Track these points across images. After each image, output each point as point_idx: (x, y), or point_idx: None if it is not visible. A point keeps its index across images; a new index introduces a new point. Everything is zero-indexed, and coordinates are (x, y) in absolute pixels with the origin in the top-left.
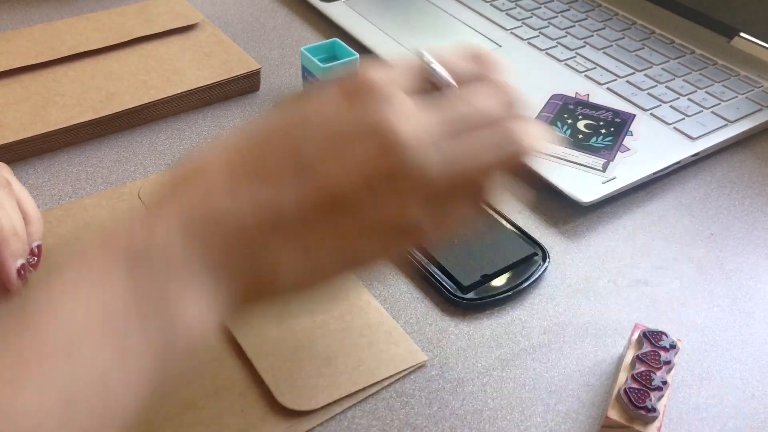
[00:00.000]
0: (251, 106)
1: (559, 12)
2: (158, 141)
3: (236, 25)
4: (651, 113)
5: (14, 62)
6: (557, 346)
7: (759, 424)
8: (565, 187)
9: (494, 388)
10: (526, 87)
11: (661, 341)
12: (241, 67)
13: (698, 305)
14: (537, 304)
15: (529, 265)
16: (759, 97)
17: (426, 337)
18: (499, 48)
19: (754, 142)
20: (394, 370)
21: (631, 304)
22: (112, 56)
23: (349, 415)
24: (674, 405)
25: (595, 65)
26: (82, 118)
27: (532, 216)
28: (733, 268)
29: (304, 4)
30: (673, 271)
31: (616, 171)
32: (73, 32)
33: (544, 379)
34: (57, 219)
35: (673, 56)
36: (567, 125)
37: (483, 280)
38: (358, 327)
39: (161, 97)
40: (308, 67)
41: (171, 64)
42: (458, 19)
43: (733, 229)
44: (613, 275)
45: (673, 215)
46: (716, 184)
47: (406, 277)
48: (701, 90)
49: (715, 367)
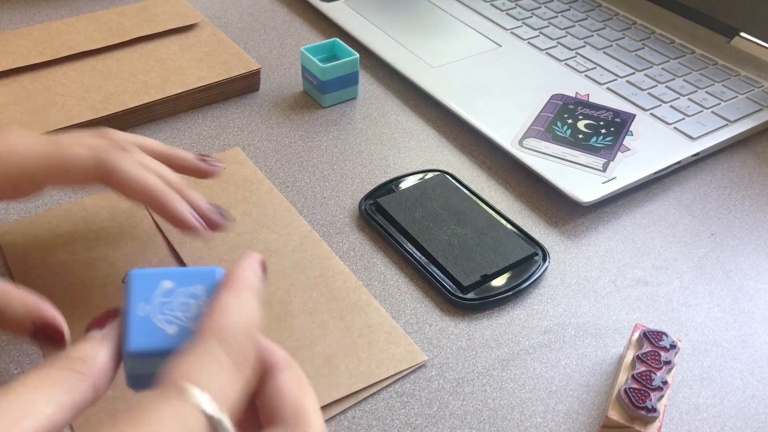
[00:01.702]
0: (251, 106)
1: (560, 12)
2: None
3: (236, 25)
4: (651, 113)
5: (14, 62)
6: (557, 346)
7: (759, 424)
8: (565, 187)
9: (494, 388)
10: (526, 87)
11: (661, 341)
12: (240, 66)
13: (698, 305)
14: (537, 304)
15: (529, 265)
16: (759, 97)
17: (426, 337)
18: (499, 48)
19: (754, 142)
20: (393, 370)
21: (631, 304)
22: (112, 56)
23: (349, 415)
24: (674, 405)
25: (595, 65)
26: (82, 118)
27: (532, 216)
28: (733, 268)
29: (304, 4)
30: (673, 271)
31: (616, 171)
32: (73, 32)
33: (544, 379)
34: (57, 219)
35: (674, 56)
36: (567, 125)
37: (483, 280)
38: (358, 327)
39: (161, 97)
40: (308, 67)
41: (171, 63)
42: (458, 19)
43: (733, 229)
44: (613, 275)
45: (673, 215)
46: (716, 184)
47: (406, 277)
48: (701, 90)
49: (715, 367)
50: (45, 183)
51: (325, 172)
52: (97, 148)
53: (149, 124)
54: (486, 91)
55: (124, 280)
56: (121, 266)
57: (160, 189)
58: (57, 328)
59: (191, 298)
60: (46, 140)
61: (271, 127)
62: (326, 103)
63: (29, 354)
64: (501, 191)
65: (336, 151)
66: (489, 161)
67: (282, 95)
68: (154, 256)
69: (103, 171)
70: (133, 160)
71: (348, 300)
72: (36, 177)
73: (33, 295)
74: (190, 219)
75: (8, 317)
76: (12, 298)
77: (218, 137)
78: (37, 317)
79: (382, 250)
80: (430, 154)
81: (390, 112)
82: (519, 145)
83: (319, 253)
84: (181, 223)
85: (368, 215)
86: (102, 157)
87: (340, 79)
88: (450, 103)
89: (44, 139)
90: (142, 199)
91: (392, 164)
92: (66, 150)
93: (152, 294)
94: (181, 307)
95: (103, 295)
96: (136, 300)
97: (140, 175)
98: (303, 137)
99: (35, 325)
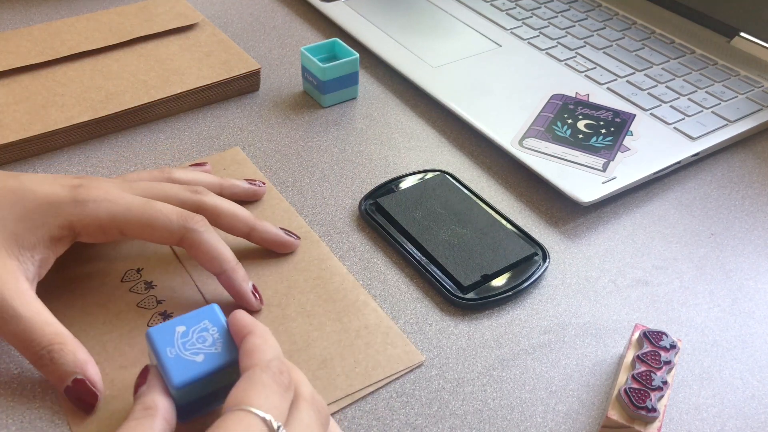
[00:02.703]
0: (251, 106)
1: (560, 12)
2: (158, 141)
3: (236, 25)
4: (651, 113)
5: (14, 62)
6: (557, 346)
7: (759, 424)
8: (565, 187)
9: (494, 388)
10: (526, 87)
11: (661, 341)
12: (240, 66)
13: (698, 305)
14: (537, 304)
15: (529, 265)
16: (759, 96)
17: (426, 337)
18: (499, 48)
19: (754, 142)
20: (391, 371)
21: (631, 304)
22: (112, 56)
23: (349, 415)
24: (674, 405)
25: (595, 65)
26: (81, 117)
27: (532, 216)
28: (733, 268)
29: (304, 4)
30: (673, 271)
31: (616, 171)
32: (72, 32)
33: (544, 379)
34: None
35: (674, 56)
36: (567, 125)
37: (483, 280)
38: (355, 328)
39: (161, 97)
40: (308, 66)
41: (171, 63)
42: (458, 19)
43: (733, 229)
44: (613, 275)
45: (673, 215)
46: (716, 184)
47: (406, 277)
48: (701, 90)
49: (715, 367)
50: (130, 235)
51: (325, 172)
52: (186, 218)
53: (149, 124)
54: (486, 91)
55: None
56: (121, 264)
57: (232, 266)
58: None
59: (204, 331)
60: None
61: (271, 127)
62: (326, 103)
63: None
64: (501, 191)
65: (336, 151)
66: (489, 161)
67: (282, 95)
68: (153, 255)
69: (186, 240)
70: (213, 233)
71: (345, 301)
72: (124, 228)
73: (85, 351)
74: (251, 299)
75: (55, 367)
76: (66, 347)
77: (218, 137)
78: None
79: (382, 250)
80: (430, 154)
81: (390, 112)
82: (519, 145)
83: (317, 254)
84: (242, 301)
85: (368, 215)
86: (190, 227)
87: (340, 79)
88: (450, 103)
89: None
90: (213, 272)
91: (392, 164)
92: (158, 210)
93: (172, 339)
94: (199, 341)
95: (101, 293)
96: (163, 347)
97: (219, 250)
98: (303, 137)
99: (75, 382)
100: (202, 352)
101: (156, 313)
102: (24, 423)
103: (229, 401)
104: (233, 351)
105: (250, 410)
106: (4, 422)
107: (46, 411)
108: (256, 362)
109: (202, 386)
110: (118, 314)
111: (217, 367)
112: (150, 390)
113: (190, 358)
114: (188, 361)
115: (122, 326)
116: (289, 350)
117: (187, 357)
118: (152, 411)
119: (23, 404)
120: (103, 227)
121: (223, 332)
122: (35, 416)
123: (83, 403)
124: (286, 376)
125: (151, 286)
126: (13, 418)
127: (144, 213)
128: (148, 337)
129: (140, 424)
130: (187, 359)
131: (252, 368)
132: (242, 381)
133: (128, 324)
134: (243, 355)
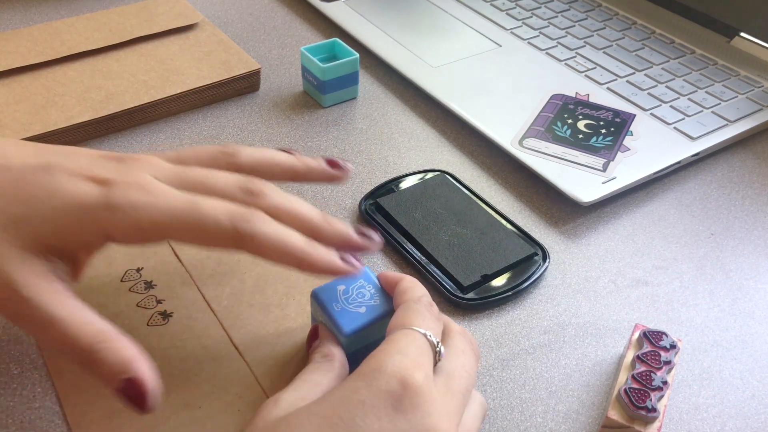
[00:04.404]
0: (251, 106)
1: (560, 12)
2: (158, 141)
3: (236, 25)
4: (651, 113)
5: (14, 62)
6: (557, 346)
7: (759, 424)
8: (565, 187)
9: (494, 388)
10: (526, 87)
11: (661, 341)
12: (240, 66)
13: (698, 305)
14: (537, 304)
15: (529, 265)
16: (759, 96)
17: None
18: (499, 48)
19: (754, 142)
20: None
21: (631, 304)
22: (111, 56)
23: None
24: (674, 405)
25: (595, 65)
26: (81, 117)
27: (532, 216)
28: (733, 268)
29: (304, 4)
30: (673, 271)
31: (616, 171)
32: (72, 32)
33: (544, 379)
34: None
35: (674, 56)
36: (567, 125)
37: (483, 280)
38: None
39: (161, 97)
40: (308, 66)
41: (171, 63)
42: (458, 19)
43: (733, 229)
44: (613, 275)
45: (673, 215)
46: (716, 184)
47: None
48: (701, 90)
49: (715, 367)
50: (176, 240)
51: None
52: (238, 217)
53: (149, 124)
54: (486, 91)
55: (312, 296)
56: (121, 264)
57: (300, 249)
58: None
59: (361, 288)
60: (181, 194)
61: (271, 127)
62: (326, 103)
63: (29, 353)
64: (501, 191)
65: (336, 151)
66: (489, 161)
67: (282, 95)
68: (153, 254)
69: (242, 241)
70: (271, 224)
71: None
72: (166, 232)
73: (134, 346)
74: (340, 265)
75: (100, 370)
76: (109, 346)
77: (218, 137)
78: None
79: (382, 250)
80: (430, 154)
81: (390, 112)
82: (519, 145)
83: None
84: (332, 273)
85: (368, 215)
86: (242, 227)
87: (340, 79)
88: (450, 103)
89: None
90: (283, 263)
91: (392, 164)
92: (205, 213)
93: (336, 296)
94: (358, 296)
95: (101, 292)
96: (330, 303)
97: (280, 239)
98: (303, 137)
99: (127, 382)
100: (364, 305)
101: (156, 312)
102: (24, 423)
103: (391, 326)
104: (389, 302)
105: (412, 328)
106: (4, 422)
107: (46, 411)
108: (409, 297)
109: (366, 335)
110: (118, 314)
111: (378, 316)
112: (324, 342)
113: (354, 310)
114: (353, 313)
115: (122, 326)
116: (289, 351)
117: (351, 309)
118: (330, 357)
119: (23, 404)
120: (143, 234)
121: (377, 288)
122: (35, 416)
123: (135, 405)
124: (435, 309)
125: (150, 286)
126: (13, 418)
127: (189, 218)
128: (316, 296)
129: (322, 366)
130: (352, 311)
131: (406, 302)
132: (399, 311)
133: (128, 324)
134: (396, 296)
